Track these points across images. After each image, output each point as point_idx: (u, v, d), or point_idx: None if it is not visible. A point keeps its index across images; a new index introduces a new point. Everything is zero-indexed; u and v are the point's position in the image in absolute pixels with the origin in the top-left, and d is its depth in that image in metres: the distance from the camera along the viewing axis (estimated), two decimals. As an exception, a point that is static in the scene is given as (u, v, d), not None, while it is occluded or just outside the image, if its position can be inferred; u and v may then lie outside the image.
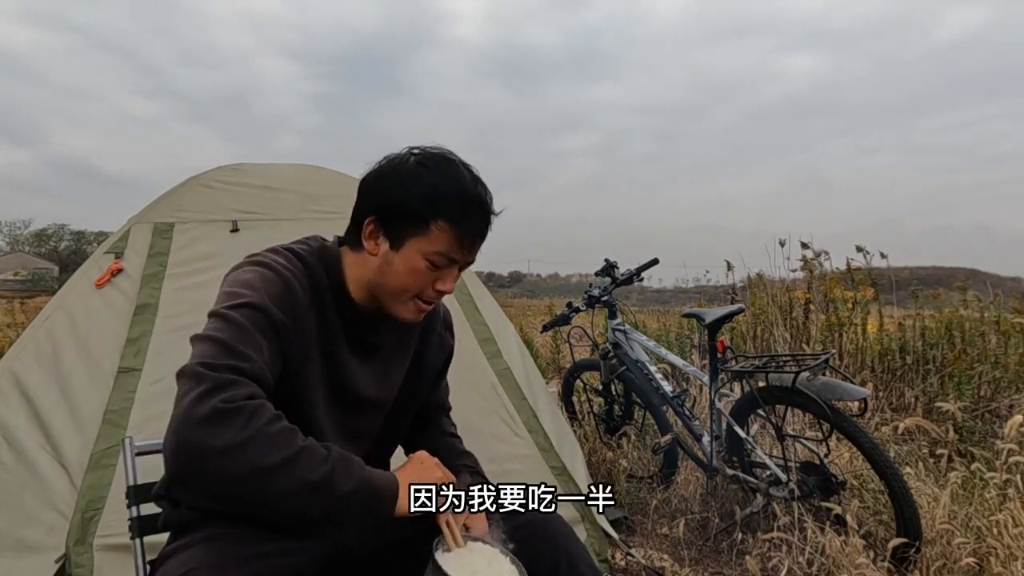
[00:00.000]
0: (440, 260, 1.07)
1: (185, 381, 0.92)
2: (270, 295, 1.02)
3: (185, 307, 2.24)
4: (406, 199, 1.04)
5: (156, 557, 1.15)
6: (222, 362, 0.92)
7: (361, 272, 1.12)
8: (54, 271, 39.89)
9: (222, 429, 0.86)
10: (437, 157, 1.08)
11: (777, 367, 2.47)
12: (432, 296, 1.11)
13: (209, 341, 0.96)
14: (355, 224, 1.12)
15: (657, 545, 2.59)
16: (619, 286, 3.23)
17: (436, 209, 1.04)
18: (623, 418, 3.48)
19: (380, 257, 1.08)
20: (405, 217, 1.05)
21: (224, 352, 0.94)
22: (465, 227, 1.06)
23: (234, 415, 0.87)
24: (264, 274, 1.05)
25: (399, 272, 1.07)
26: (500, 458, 2.29)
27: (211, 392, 0.88)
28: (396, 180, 1.06)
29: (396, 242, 1.06)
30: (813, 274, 4.92)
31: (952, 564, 2.06)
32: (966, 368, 4.05)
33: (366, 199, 1.10)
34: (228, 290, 1.03)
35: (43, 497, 1.87)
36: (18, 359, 2.15)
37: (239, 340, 0.96)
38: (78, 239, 48.64)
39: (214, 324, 0.98)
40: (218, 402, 0.87)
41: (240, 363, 0.93)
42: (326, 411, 1.13)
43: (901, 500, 2.12)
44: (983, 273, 7.04)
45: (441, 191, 1.04)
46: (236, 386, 0.91)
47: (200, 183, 2.61)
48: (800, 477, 2.38)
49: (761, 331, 4.80)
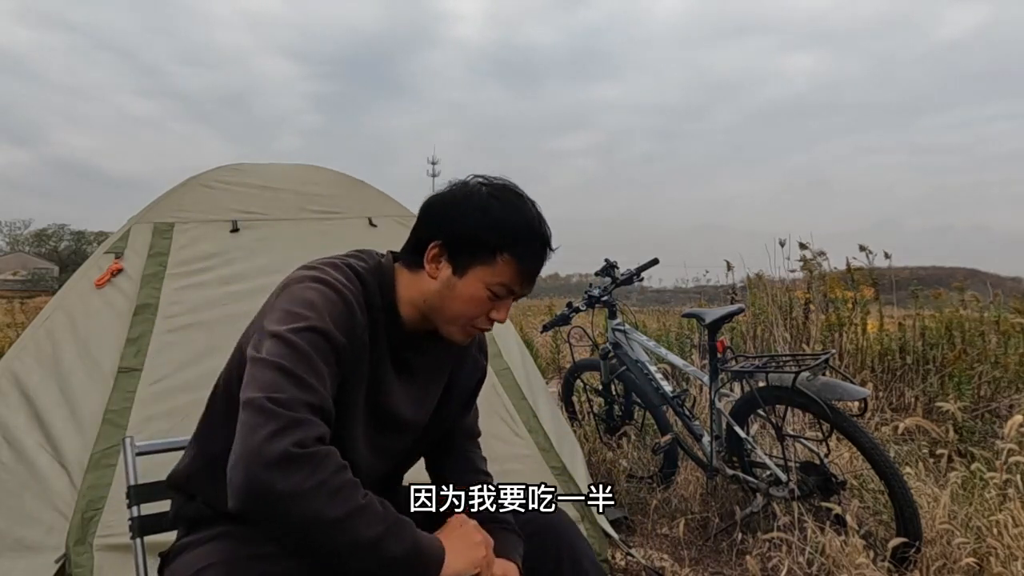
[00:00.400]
0: (501, 291, 1.09)
1: (255, 414, 0.90)
2: (332, 317, 1.01)
3: (185, 307, 2.24)
4: (477, 230, 1.06)
5: (167, 550, 1.16)
6: (291, 396, 0.91)
7: (415, 292, 1.12)
8: (54, 271, 39.87)
9: (290, 474, 0.86)
10: (507, 191, 1.09)
11: (777, 367, 2.47)
12: (486, 324, 1.13)
13: (275, 370, 0.93)
14: (416, 245, 1.12)
15: (657, 545, 2.59)
16: (619, 286, 3.23)
17: (504, 242, 1.06)
18: (623, 418, 3.48)
19: (441, 281, 1.09)
20: (473, 247, 1.06)
21: (292, 384, 0.92)
22: (528, 262, 1.08)
23: (303, 461, 0.87)
24: (326, 294, 1.02)
25: (460, 298, 1.08)
26: (500, 458, 2.29)
27: (282, 432, 0.88)
28: (468, 210, 1.07)
29: (460, 269, 1.08)
30: (813, 274, 4.92)
31: (952, 564, 2.06)
32: (966, 368, 4.05)
33: (432, 223, 1.11)
34: (290, 308, 1.00)
35: (43, 497, 1.87)
36: (18, 359, 2.15)
37: (305, 370, 0.94)
38: (78, 239, 48.62)
39: (278, 349, 0.95)
40: (289, 445, 0.87)
41: (309, 398, 0.93)
42: (364, 430, 1.12)
43: (901, 500, 2.12)
44: (983, 273, 7.05)
45: (510, 225, 1.06)
46: (306, 427, 0.90)
47: (200, 183, 2.61)
48: (800, 477, 2.38)
49: (761, 331, 4.80)
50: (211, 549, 1.04)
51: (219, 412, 1.13)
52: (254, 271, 2.36)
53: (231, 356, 1.14)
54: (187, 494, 1.16)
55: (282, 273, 2.67)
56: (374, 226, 2.71)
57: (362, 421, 1.11)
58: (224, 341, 2.15)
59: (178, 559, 1.08)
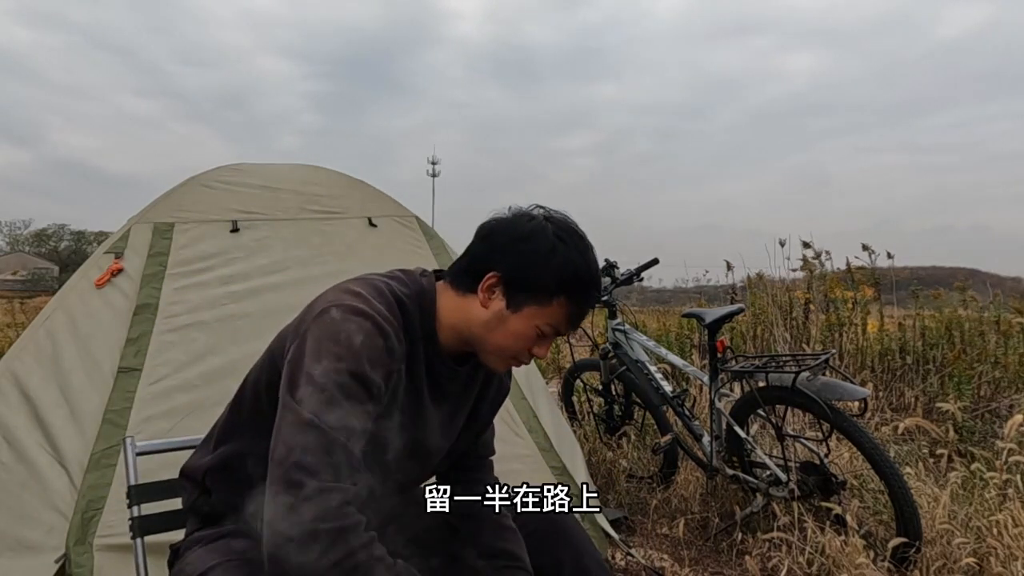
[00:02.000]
0: (549, 331, 1.09)
1: (279, 482, 0.89)
2: (371, 355, 0.97)
3: (185, 307, 2.23)
4: (541, 273, 1.05)
5: (179, 542, 1.17)
6: (318, 461, 0.89)
7: (459, 317, 1.10)
8: (54, 271, 39.89)
9: (306, 550, 0.86)
10: (573, 234, 1.08)
11: (777, 367, 2.47)
12: (526, 359, 1.12)
13: (306, 430, 0.90)
14: (471, 269, 1.10)
15: (657, 545, 2.59)
16: (619, 286, 3.23)
17: (563, 288, 1.05)
18: (623, 418, 3.48)
19: (492, 312, 1.07)
20: (533, 286, 1.05)
21: (321, 448, 0.90)
22: (581, 308, 1.09)
23: (320, 537, 0.87)
24: (366, 329, 0.98)
25: (508, 332, 1.08)
26: (500, 458, 2.27)
27: (303, 504, 0.87)
28: (534, 251, 1.05)
29: (514, 305, 1.06)
30: (813, 274, 4.93)
31: (952, 564, 2.06)
32: (966, 368, 4.06)
33: (494, 252, 1.08)
34: (329, 344, 0.96)
35: (43, 497, 1.87)
36: (18, 359, 2.15)
37: (338, 425, 0.92)
38: (78, 239, 48.64)
39: (313, 399, 0.92)
40: (309, 519, 0.86)
41: (338, 459, 0.91)
42: (396, 456, 1.10)
43: (901, 500, 2.12)
44: (983, 273, 7.04)
45: (571, 271, 1.05)
46: (330, 495, 0.88)
47: (200, 183, 2.61)
48: (800, 477, 2.38)
49: (761, 331, 4.80)
50: (223, 547, 1.05)
51: (245, 413, 1.13)
52: (254, 271, 2.36)
53: (261, 359, 1.12)
54: (202, 487, 1.16)
55: (282, 273, 2.67)
56: (374, 226, 2.71)
57: (393, 450, 1.09)
58: (224, 341, 2.18)
59: (190, 553, 1.09)
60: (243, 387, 1.15)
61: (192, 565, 1.05)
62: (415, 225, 2.83)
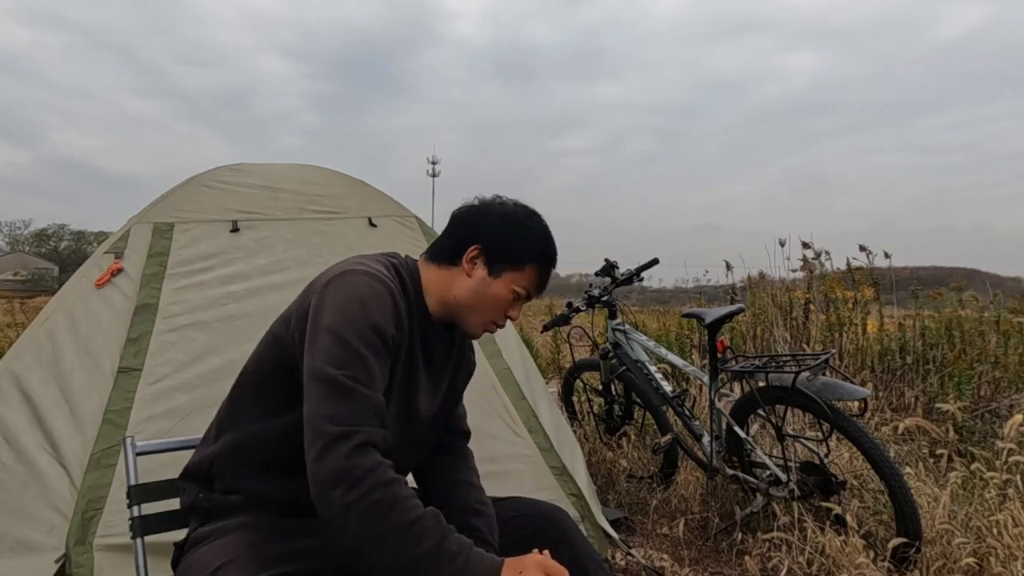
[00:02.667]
0: (522, 293, 1.26)
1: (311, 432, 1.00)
2: (383, 309, 1.10)
3: (185, 307, 2.24)
4: (516, 243, 1.24)
5: (182, 540, 1.17)
6: (343, 410, 1.00)
7: (444, 288, 1.25)
8: (54, 271, 39.90)
9: (333, 492, 0.95)
10: (534, 214, 1.29)
11: (777, 367, 2.47)
12: (502, 321, 1.29)
13: (328, 385, 1.01)
14: (455, 245, 1.26)
15: (657, 545, 2.59)
16: (619, 286, 3.23)
17: (531, 254, 1.25)
18: (623, 418, 3.48)
19: (477, 280, 1.23)
20: (509, 255, 1.24)
21: (343, 396, 1.01)
22: (545, 273, 1.28)
23: (344, 479, 0.96)
24: (376, 289, 1.11)
25: (490, 295, 1.24)
26: (500, 458, 2.29)
27: (331, 448, 0.97)
28: (510, 225, 1.25)
29: (495, 272, 1.24)
30: (813, 274, 4.93)
31: (952, 564, 2.06)
32: (966, 368, 4.05)
33: (475, 230, 1.25)
34: (343, 304, 1.08)
35: (43, 497, 1.87)
36: (18, 359, 2.15)
37: (358, 373, 1.03)
38: (78, 239, 48.66)
39: (333, 353, 1.03)
40: (340, 459, 0.96)
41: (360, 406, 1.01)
42: (394, 422, 1.17)
43: (901, 500, 2.12)
44: (983, 273, 7.04)
45: (539, 241, 1.27)
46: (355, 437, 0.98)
47: (200, 183, 2.61)
48: (800, 477, 2.38)
49: (761, 331, 4.80)
50: (231, 543, 1.05)
51: (246, 396, 1.19)
52: (254, 271, 2.36)
53: (262, 342, 1.21)
54: (205, 484, 1.17)
55: (282, 273, 2.68)
56: (374, 226, 2.71)
57: (394, 413, 1.18)
58: (224, 341, 2.18)
59: (197, 550, 1.09)
60: (243, 374, 1.21)
61: (200, 563, 1.05)
62: (415, 225, 2.83)
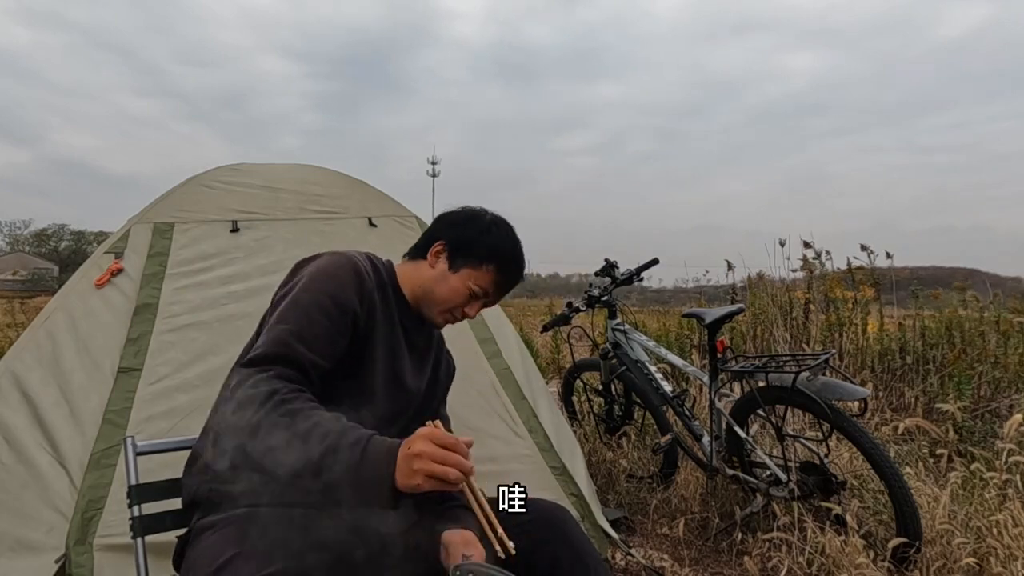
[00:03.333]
0: (478, 291, 1.36)
1: (232, 370, 1.14)
2: (347, 281, 1.23)
3: (185, 307, 2.23)
4: (476, 243, 1.36)
5: (185, 533, 1.17)
6: (263, 353, 1.12)
7: (413, 279, 1.38)
8: (54, 271, 39.91)
9: (237, 417, 1.03)
10: (505, 223, 1.40)
11: (777, 367, 2.47)
12: (460, 316, 1.39)
13: (266, 336, 1.15)
14: (424, 242, 1.40)
15: (657, 545, 2.59)
16: (619, 286, 3.23)
17: (491, 257, 1.35)
18: (623, 418, 3.48)
19: (437, 271, 1.36)
20: (469, 253, 1.35)
21: (271, 343, 1.13)
22: (503, 276, 1.37)
23: (248, 404, 1.03)
24: (343, 263, 1.26)
25: (448, 287, 1.35)
26: (500, 458, 2.29)
27: (240, 384, 1.07)
28: (474, 227, 1.37)
29: (454, 266, 1.36)
30: (813, 274, 4.93)
31: (952, 564, 2.06)
32: (966, 368, 4.06)
33: (442, 229, 1.39)
34: (312, 277, 1.22)
35: (43, 497, 1.87)
36: (18, 359, 2.15)
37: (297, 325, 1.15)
38: (78, 239, 48.66)
39: (285, 309, 1.18)
40: (242, 391, 1.06)
41: (280, 350, 1.12)
42: (381, 382, 1.28)
43: (901, 500, 2.12)
44: (983, 273, 7.03)
45: (500, 246, 1.37)
46: (263, 373, 1.08)
47: (200, 183, 2.61)
48: (800, 477, 2.38)
49: (761, 331, 4.80)
50: (238, 534, 1.06)
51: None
52: (254, 271, 2.36)
53: (256, 331, 1.29)
54: (205, 471, 1.17)
55: (282, 273, 2.67)
56: (374, 226, 2.71)
57: (382, 375, 1.28)
58: (224, 341, 2.17)
59: (202, 539, 1.09)
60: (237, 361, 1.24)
61: (206, 555, 1.04)
62: (415, 225, 2.83)
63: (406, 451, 0.97)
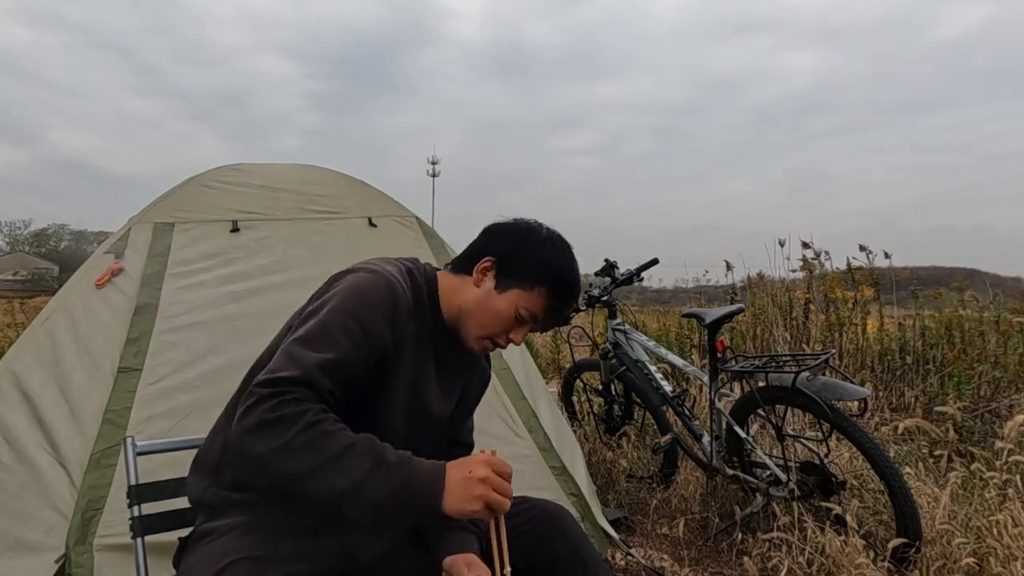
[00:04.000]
0: (526, 315, 1.22)
1: (248, 395, 1.01)
2: (379, 306, 1.12)
3: (185, 307, 2.23)
4: (529, 262, 1.21)
5: (187, 535, 1.17)
6: (282, 375, 1.01)
7: (455, 295, 1.24)
8: (54, 271, 39.91)
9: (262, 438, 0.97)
10: (563, 242, 1.26)
11: (777, 367, 2.47)
12: (503, 342, 1.25)
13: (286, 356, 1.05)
14: (471, 255, 1.26)
15: (657, 545, 2.59)
16: (619, 286, 3.23)
17: (545, 277, 1.21)
18: (623, 418, 3.48)
19: (483, 291, 1.22)
20: (519, 272, 1.21)
21: (291, 364, 1.03)
22: (556, 300, 1.22)
23: (273, 424, 0.97)
24: (378, 284, 1.14)
25: (492, 310, 1.21)
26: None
27: (258, 404, 0.98)
28: (527, 242, 1.23)
29: (502, 286, 1.21)
30: (813, 274, 4.93)
31: (952, 564, 2.06)
32: (966, 368, 4.06)
33: (491, 242, 1.25)
34: (343, 294, 1.12)
35: (43, 497, 1.87)
36: (18, 359, 2.15)
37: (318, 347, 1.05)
38: (78, 239, 48.75)
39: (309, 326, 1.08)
40: (262, 412, 0.97)
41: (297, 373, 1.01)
42: (400, 410, 1.19)
43: (901, 500, 2.12)
44: (983, 273, 7.04)
45: (555, 266, 1.22)
46: (284, 395, 0.99)
47: (200, 183, 2.61)
48: (800, 477, 2.38)
49: (761, 331, 4.80)
50: (237, 542, 1.05)
51: None
52: (254, 271, 2.36)
53: (276, 337, 1.22)
54: (213, 474, 1.16)
55: (282, 273, 2.67)
56: (374, 226, 2.71)
57: (401, 409, 1.19)
58: (224, 341, 2.18)
59: (201, 546, 1.09)
60: (257, 365, 1.20)
61: (205, 561, 1.04)
62: (415, 225, 2.83)
63: (466, 474, 1.00)
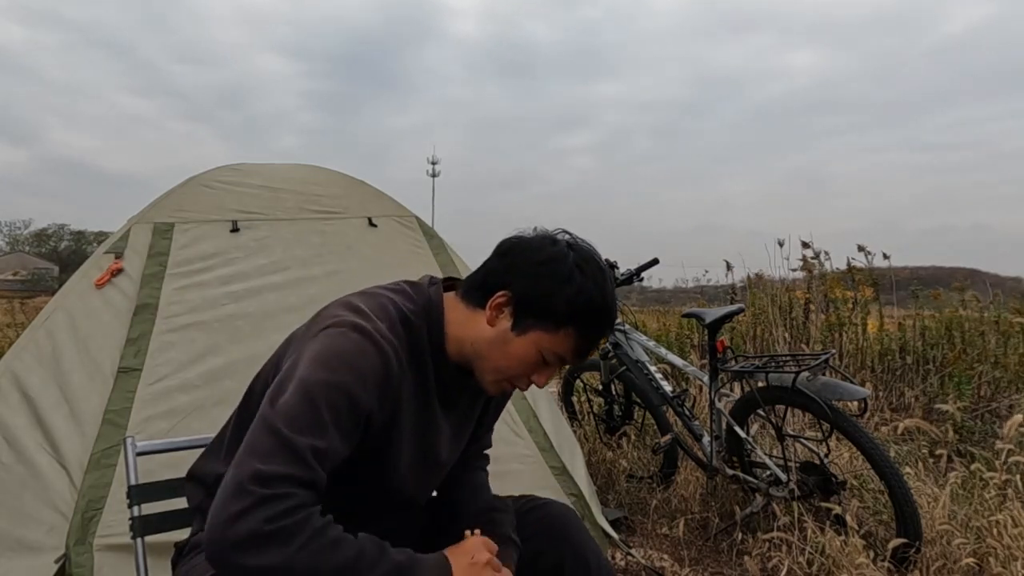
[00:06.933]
0: (552, 359, 1.06)
1: (231, 486, 0.87)
2: (365, 375, 0.96)
3: (185, 307, 2.23)
4: (553, 299, 1.02)
5: (184, 541, 1.16)
6: (276, 471, 0.87)
7: (466, 331, 1.07)
8: (54, 271, 39.95)
9: (259, 553, 0.85)
10: (593, 263, 1.05)
11: (777, 367, 2.47)
12: (523, 384, 1.10)
13: (274, 436, 0.90)
14: (484, 283, 1.07)
15: (657, 545, 2.59)
16: (619, 286, 3.23)
17: (574, 317, 1.02)
18: (623, 418, 3.48)
19: (497, 332, 1.05)
20: (541, 312, 1.03)
21: (284, 456, 0.89)
22: (589, 338, 1.06)
23: (271, 538, 0.85)
24: (365, 348, 0.98)
25: (510, 355, 1.05)
26: (501, 458, 2.28)
27: (251, 510, 0.85)
28: (550, 275, 1.02)
29: (520, 326, 1.04)
30: (813, 274, 4.93)
31: (952, 564, 2.06)
32: (966, 368, 4.06)
33: (510, 271, 1.05)
34: (324, 356, 0.96)
35: (43, 497, 1.87)
36: (18, 359, 2.15)
37: (308, 433, 0.90)
38: (78, 239, 48.76)
39: (291, 403, 0.92)
40: (257, 523, 0.84)
41: (296, 471, 0.89)
42: (408, 464, 1.10)
43: (901, 500, 2.12)
44: (983, 273, 7.05)
45: (585, 301, 1.02)
46: (281, 501, 0.86)
47: (200, 183, 2.61)
48: (800, 477, 2.38)
49: (761, 331, 4.80)
50: None
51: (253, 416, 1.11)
52: (254, 271, 2.36)
53: (268, 363, 1.12)
54: (207, 491, 1.13)
55: (282, 273, 2.67)
56: (374, 226, 2.71)
57: (406, 464, 1.10)
58: (224, 341, 2.18)
59: (197, 555, 1.08)
60: (251, 392, 1.14)
61: (198, 570, 1.05)
62: (415, 225, 2.83)
63: (470, 560, 0.99)
